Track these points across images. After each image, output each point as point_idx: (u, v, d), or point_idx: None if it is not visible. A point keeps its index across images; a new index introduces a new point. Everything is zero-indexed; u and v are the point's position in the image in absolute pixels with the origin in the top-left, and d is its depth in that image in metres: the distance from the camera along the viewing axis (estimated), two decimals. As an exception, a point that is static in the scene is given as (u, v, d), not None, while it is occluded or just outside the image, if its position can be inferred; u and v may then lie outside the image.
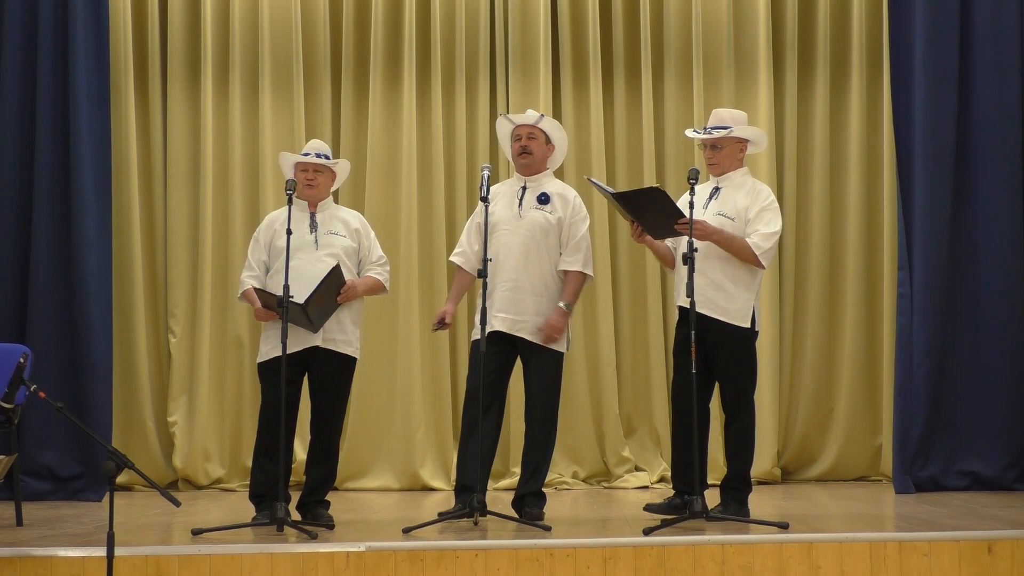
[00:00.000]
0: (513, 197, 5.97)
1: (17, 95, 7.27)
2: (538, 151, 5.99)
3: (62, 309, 7.17)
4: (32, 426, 7.00)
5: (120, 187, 7.61)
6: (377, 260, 5.96)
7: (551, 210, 5.91)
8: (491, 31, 7.95)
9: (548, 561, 4.92)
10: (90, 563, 4.84)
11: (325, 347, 5.75)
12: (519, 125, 6.02)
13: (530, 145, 5.98)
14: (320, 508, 5.79)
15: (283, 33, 7.83)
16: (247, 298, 5.88)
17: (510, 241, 5.85)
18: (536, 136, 6.00)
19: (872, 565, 4.94)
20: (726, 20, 7.90)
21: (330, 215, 5.93)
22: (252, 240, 5.99)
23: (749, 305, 5.77)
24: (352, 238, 5.92)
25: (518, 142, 6.01)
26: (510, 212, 5.92)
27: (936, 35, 7.26)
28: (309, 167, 5.91)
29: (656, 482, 7.70)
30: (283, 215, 5.80)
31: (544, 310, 5.84)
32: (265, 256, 5.88)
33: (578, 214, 5.96)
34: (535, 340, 5.83)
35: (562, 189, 6.07)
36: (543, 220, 5.89)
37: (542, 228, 5.88)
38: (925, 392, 7.18)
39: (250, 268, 5.90)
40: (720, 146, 5.92)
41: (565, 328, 5.87)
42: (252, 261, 5.91)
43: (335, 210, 6.00)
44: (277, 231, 5.82)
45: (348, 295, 5.76)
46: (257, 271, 5.87)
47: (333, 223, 5.91)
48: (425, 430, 7.74)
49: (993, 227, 7.30)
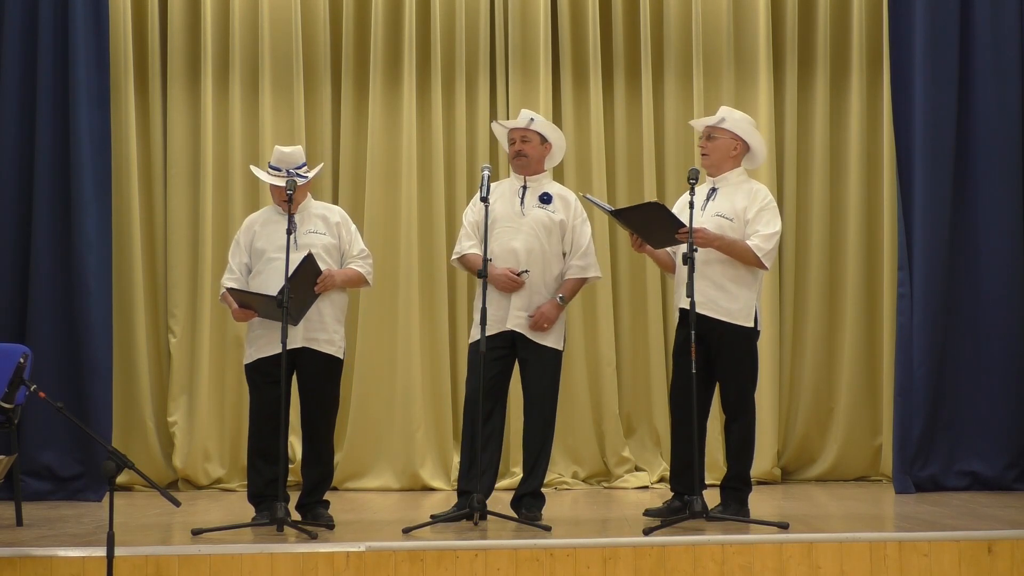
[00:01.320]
0: (513, 195, 5.96)
1: (17, 95, 7.26)
2: (533, 153, 5.99)
3: (62, 309, 7.17)
4: (32, 426, 7.00)
5: (120, 187, 7.61)
6: (358, 253, 5.92)
7: (554, 209, 5.91)
8: (491, 31, 7.94)
9: (548, 561, 4.92)
10: (90, 563, 4.84)
11: (308, 347, 5.71)
12: (512, 129, 6.02)
13: (524, 148, 5.97)
14: (320, 508, 5.79)
15: (283, 33, 7.83)
16: (225, 300, 5.87)
17: (512, 239, 5.84)
18: (529, 138, 5.99)
19: (872, 565, 4.94)
20: (726, 20, 7.90)
21: (309, 214, 5.88)
22: (233, 243, 5.98)
23: (751, 304, 5.77)
24: (332, 234, 5.88)
25: (512, 146, 6.01)
26: (511, 210, 5.91)
27: (936, 35, 7.26)
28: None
29: (656, 482, 7.70)
30: (262, 216, 5.90)
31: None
32: (247, 259, 5.86)
33: (579, 217, 5.97)
34: (536, 339, 5.82)
35: (562, 191, 6.08)
36: (546, 218, 5.89)
37: (545, 226, 5.88)
38: (925, 392, 7.18)
39: (230, 271, 5.89)
40: (714, 136, 5.93)
41: (556, 320, 5.85)
42: (232, 264, 5.89)
43: (314, 208, 5.95)
44: (257, 233, 5.83)
45: (326, 284, 5.69)
46: (237, 274, 5.86)
47: (312, 221, 5.86)
48: (425, 430, 7.74)
49: (993, 227, 7.30)
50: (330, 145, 7.89)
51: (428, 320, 7.82)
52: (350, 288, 6.00)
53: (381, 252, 7.71)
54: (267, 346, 5.71)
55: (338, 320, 5.84)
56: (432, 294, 7.82)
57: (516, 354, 5.89)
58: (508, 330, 5.81)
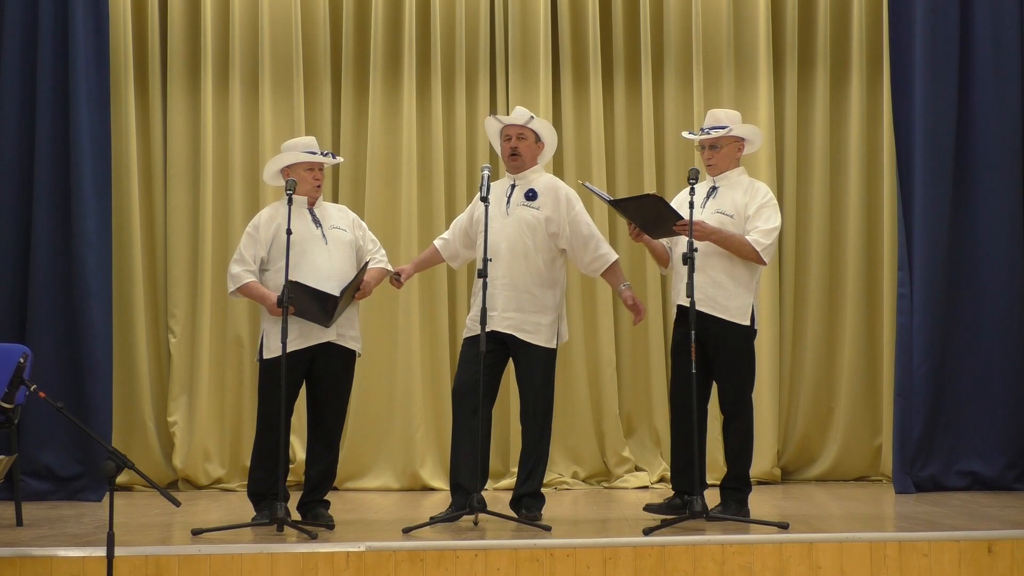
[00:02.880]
0: (502, 195, 5.97)
1: (17, 95, 7.27)
2: (527, 151, 5.99)
3: (62, 309, 7.17)
4: (32, 426, 7.00)
5: (120, 187, 7.61)
6: (374, 249, 5.98)
7: (538, 206, 5.90)
8: (491, 31, 7.95)
9: (548, 561, 4.92)
10: (90, 563, 4.85)
11: (336, 343, 5.72)
12: (508, 125, 6.02)
13: (519, 146, 5.98)
14: (320, 508, 5.78)
15: (283, 33, 7.83)
16: (249, 291, 5.74)
17: (496, 239, 5.83)
18: (526, 136, 5.99)
19: (872, 565, 4.94)
20: (726, 20, 7.90)
21: (325, 211, 5.91)
22: (246, 235, 5.85)
23: (748, 303, 5.78)
24: (351, 231, 5.92)
25: (508, 142, 6.01)
26: (497, 210, 5.91)
27: (936, 35, 7.26)
28: (315, 166, 5.87)
29: (656, 482, 7.70)
30: (282, 212, 5.68)
31: (533, 307, 5.83)
32: (264, 253, 5.78)
33: (573, 208, 5.95)
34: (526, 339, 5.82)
35: (551, 182, 6.04)
36: (530, 217, 5.88)
37: (529, 225, 5.87)
38: (925, 392, 7.18)
39: (243, 262, 5.77)
40: (719, 146, 5.93)
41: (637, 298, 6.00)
42: (246, 255, 5.78)
43: (327, 206, 5.98)
44: (281, 226, 5.64)
45: (365, 292, 5.81)
46: (252, 265, 5.77)
47: (333, 218, 5.89)
48: (425, 430, 7.74)
49: (993, 227, 7.31)
50: (330, 145, 7.88)
51: (428, 320, 7.82)
52: None
53: (381, 252, 7.73)
54: (295, 341, 5.61)
55: (358, 317, 5.92)
56: (432, 294, 7.82)
57: (507, 353, 5.89)
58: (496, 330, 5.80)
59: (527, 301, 5.82)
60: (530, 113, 6.05)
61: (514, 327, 5.80)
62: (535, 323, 5.83)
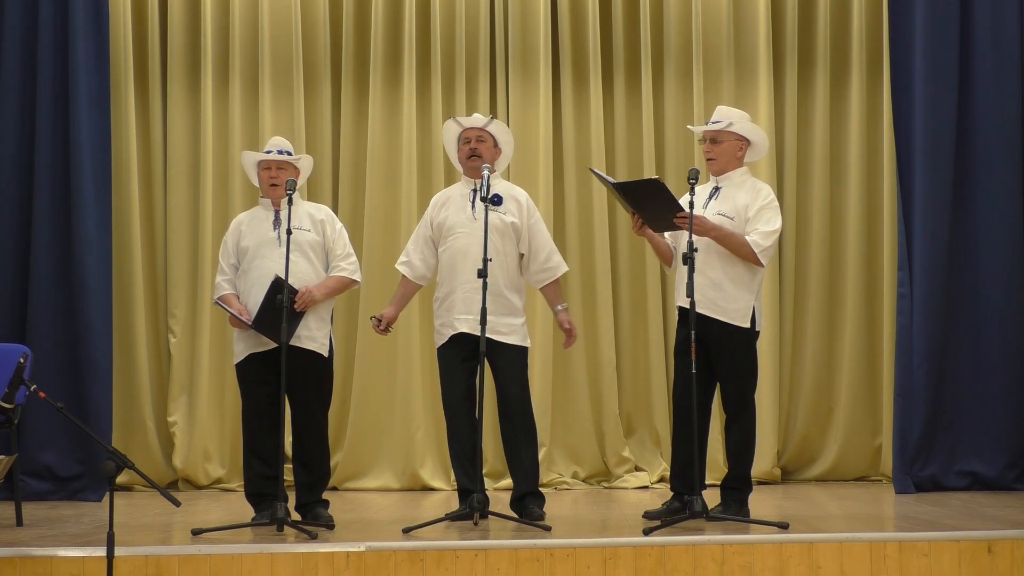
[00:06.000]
0: (464, 200, 5.97)
1: (17, 95, 7.27)
2: (487, 154, 5.99)
3: (62, 309, 7.17)
4: (32, 426, 7.00)
5: (120, 187, 7.62)
6: (342, 254, 5.90)
7: (504, 211, 5.90)
8: (491, 31, 7.95)
9: (548, 561, 4.92)
10: (90, 563, 4.85)
11: (291, 344, 5.64)
12: (468, 128, 6.04)
13: (479, 148, 5.99)
14: (320, 508, 5.79)
15: (283, 33, 7.83)
16: (225, 302, 5.84)
17: (467, 244, 5.84)
18: (485, 139, 6.01)
19: (872, 565, 4.94)
20: (726, 20, 7.90)
21: (297, 211, 5.84)
22: (222, 244, 5.99)
23: (749, 305, 5.77)
24: (316, 231, 5.88)
25: (467, 145, 6.02)
26: (464, 215, 5.92)
27: (936, 35, 7.26)
28: (272, 164, 5.89)
29: (656, 482, 7.70)
30: (248, 216, 5.94)
31: (506, 309, 5.84)
32: (234, 259, 5.89)
33: (533, 215, 6.01)
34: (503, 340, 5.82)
35: (511, 189, 6.06)
36: (499, 222, 5.87)
37: (499, 229, 5.87)
38: (925, 392, 7.18)
39: (223, 272, 5.92)
40: (719, 140, 5.91)
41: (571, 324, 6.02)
42: (224, 265, 5.93)
43: (299, 205, 5.92)
44: (243, 232, 5.87)
45: (304, 302, 5.65)
46: (229, 275, 5.90)
47: (299, 218, 5.83)
48: (425, 430, 7.74)
49: (993, 227, 7.30)
50: (330, 145, 7.89)
51: (428, 320, 7.79)
52: (337, 296, 5.98)
53: (381, 252, 7.72)
54: (256, 344, 5.73)
55: (321, 319, 5.81)
56: (432, 294, 7.79)
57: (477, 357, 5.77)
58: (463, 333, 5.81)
59: (501, 304, 5.83)
60: (490, 116, 6.08)
61: (490, 330, 5.76)
62: (508, 324, 5.86)
